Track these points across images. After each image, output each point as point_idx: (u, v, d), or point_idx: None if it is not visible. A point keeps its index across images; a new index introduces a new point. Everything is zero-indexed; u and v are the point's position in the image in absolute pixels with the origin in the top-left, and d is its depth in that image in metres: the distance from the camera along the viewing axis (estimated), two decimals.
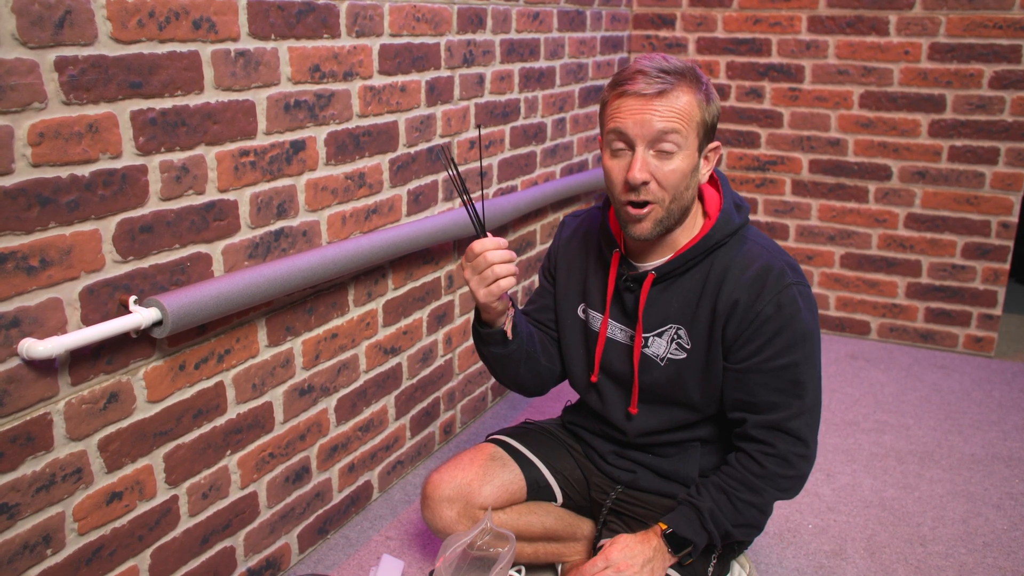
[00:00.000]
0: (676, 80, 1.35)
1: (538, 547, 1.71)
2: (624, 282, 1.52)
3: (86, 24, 1.22)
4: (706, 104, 1.38)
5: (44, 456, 1.27)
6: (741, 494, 1.46)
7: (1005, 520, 2.07)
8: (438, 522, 1.64)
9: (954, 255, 3.05)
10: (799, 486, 1.50)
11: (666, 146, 1.35)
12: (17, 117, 1.15)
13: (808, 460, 1.47)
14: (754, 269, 1.43)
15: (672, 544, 1.46)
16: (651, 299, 1.50)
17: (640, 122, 1.35)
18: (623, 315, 1.56)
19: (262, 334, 1.66)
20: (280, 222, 1.65)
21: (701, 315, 1.47)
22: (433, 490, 1.65)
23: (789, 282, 1.42)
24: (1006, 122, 2.88)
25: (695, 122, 1.37)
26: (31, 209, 1.19)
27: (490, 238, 1.38)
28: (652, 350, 1.52)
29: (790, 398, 1.44)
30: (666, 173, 1.37)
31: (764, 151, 3.26)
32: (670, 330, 1.50)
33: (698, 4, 3.21)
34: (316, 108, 1.68)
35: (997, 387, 2.84)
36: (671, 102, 1.34)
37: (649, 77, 1.35)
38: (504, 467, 1.68)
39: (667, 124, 1.34)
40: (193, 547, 1.58)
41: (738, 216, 1.48)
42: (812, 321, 1.45)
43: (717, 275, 1.45)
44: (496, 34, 2.30)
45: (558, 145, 2.78)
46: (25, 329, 1.21)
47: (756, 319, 1.41)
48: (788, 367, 1.43)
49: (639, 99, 1.35)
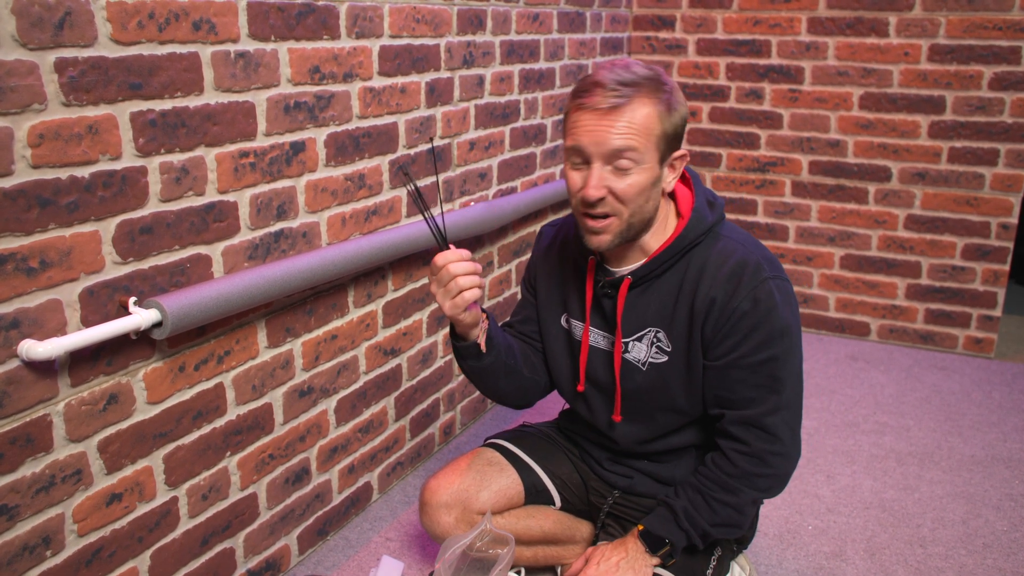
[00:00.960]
0: (633, 93, 1.32)
1: (537, 550, 1.71)
2: (601, 288, 1.51)
3: (86, 25, 1.22)
4: (667, 115, 1.34)
5: (44, 457, 1.27)
6: (716, 494, 1.46)
7: (1005, 521, 2.07)
8: (436, 528, 1.64)
9: (954, 256, 3.05)
10: (780, 485, 1.48)
11: (622, 163, 1.33)
12: (17, 118, 1.15)
13: (786, 457, 1.46)
14: (729, 265, 1.41)
15: (648, 543, 1.47)
16: (629, 304, 1.49)
17: (595, 140, 1.32)
18: (603, 322, 1.55)
19: (262, 335, 1.66)
20: (280, 223, 1.65)
21: (679, 316, 1.46)
22: (431, 496, 1.65)
23: (765, 276, 1.41)
24: (1006, 123, 2.88)
25: (654, 136, 1.33)
26: (31, 210, 1.19)
27: (453, 250, 1.37)
28: (633, 355, 1.51)
29: (767, 393, 1.43)
30: (623, 189, 1.34)
31: (764, 152, 3.26)
32: (649, 334, 1.49)
33: (698, 5, 3.21)
34: (316, 109, 1.68)
35: (997, 388, 2.84)
36: (628, 117, 1.31)
37: (606, 91, 1.31)
38: (502, 472, 1.68)
39: (623, 141, 1.31)
40: (193, 548, 1.58)
41: (711, 214, 1.46)
42: (791, 315, 1.43)
43: (693, 275, 1.44)
44: (496, 35, 2.30)
45: (558, 146, 2.78)
46: (25, 330, 1.21)
47: (733, 315, 1.40)
48: (766, 362, 1.42)
49: (594, 114, 1.32)
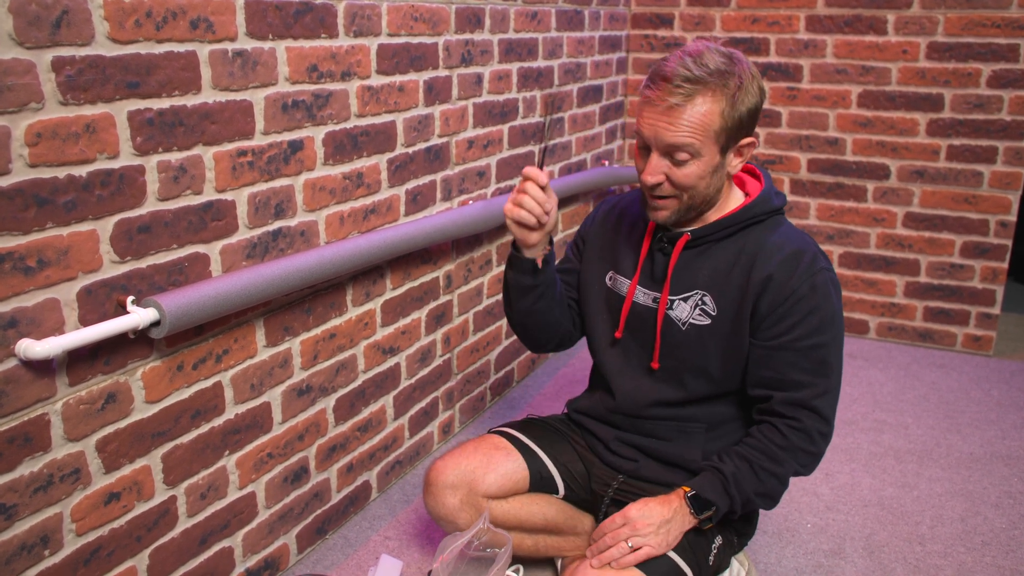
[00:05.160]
0: (696, 91, 1.37)
1: (538, 539, 1.72)
2: (659, 242, 1.57)
3: (83, 24, 1.21)
4: (730, 110, 1.40)
5: (42, 457, 1.27)
6: (763, 463, 1.49)
7: (1004, 519, 2.07)
8: (440, 509, 1.64)
9: (952, 254, 3.06)
10: (815, 464, 1.53)
11: (679, 155, 1.41)
12: (14, 117, 1.14)
13: (827, 439, 1.52)
14: (788, 250, 1.48)
15: (695, 506, 1.48)
16: (682, 262, 1.55)
17: (654, 134, 1.41)
18: (651, 280, 1.59)
19: (260, 334, 1.66)
20: (278, 222, 1.65)
21: (732, 285, 1.50)
22: (437, 476, 1.65)
23: (822, 266, 1.48)
24: (1004, 121, 2.88)
25: (712, 131, 1.39)
26: (28, 209, 1.18)
27: (544, 173, 1.45)
28: (675, 313, 1.55)
29: (817, 377, 1.48)
30: (680, 177, 1.43)
31: (762, 150, 3.26)
32: (695, 296, 1.54)
33: (696, 3, 3.21)
34: (314, 108, 1.68)
35: (996, 386, 2.84)
36: (687, 116, 1.38)
37: (670, 86, 1.37)
38: (508, 457, 1.69)
39: (678, 139, 1.39)
40: (191, 548, 1.58)
41: (776, 200, 1.54)
42: (840, 308, 1.51)
43: (751, 250, 1.50)
44: (494, 34, 2.30)
45: (557, 145, 2.78)
46: (22, 330, 1.20)
47: (792, 296, 1.46)
48: (818, 347, 1.47)
49: (655, 110, 1.40)
